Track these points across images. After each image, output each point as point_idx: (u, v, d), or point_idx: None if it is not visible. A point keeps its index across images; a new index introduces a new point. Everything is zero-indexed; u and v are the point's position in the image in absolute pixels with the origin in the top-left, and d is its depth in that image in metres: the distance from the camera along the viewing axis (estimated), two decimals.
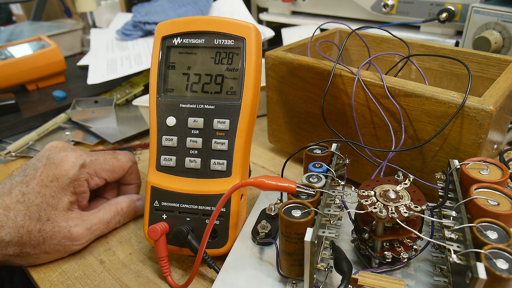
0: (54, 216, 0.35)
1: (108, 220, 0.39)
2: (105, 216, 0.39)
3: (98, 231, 0.38)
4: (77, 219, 0.37)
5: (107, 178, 0.40)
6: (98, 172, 0.39)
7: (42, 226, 0.35)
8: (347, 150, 0.42)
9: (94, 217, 0.38)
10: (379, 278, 0.27)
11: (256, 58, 0.35)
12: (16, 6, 1.33)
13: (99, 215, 0.38)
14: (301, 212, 0.28)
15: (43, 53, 0.73)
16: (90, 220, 0.37)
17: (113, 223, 0.40)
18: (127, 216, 0.41)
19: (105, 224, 0.39)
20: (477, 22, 0.56)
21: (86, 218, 0.37)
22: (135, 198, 0.42)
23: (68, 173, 0.36)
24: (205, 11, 0.83)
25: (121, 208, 0.40)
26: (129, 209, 0.41)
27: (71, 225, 0.36)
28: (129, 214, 0.41)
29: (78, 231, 0.36)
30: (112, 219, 0.39)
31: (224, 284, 0.32)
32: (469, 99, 0.33)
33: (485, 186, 0.29)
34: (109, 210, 0.39)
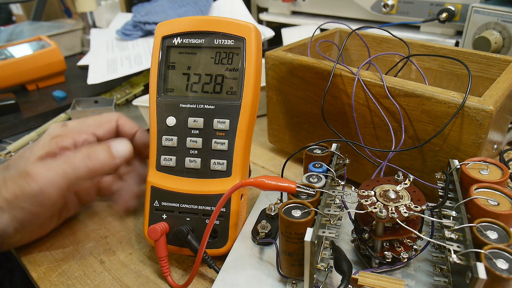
0: (22, 163, 0.33)
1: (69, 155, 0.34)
2: (67, 154, 0.34)
3: (58, 167, 0.33)
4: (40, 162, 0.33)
5: (95, 132, 0.38)
6: (83, 128, 0.37)
7: (8, 173, 0.33)
8: (347, 150, 0.42)
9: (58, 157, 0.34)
10: (379, 278, 0.27)
11: (256, 58, 0.35)
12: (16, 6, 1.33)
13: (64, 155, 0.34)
14: (301, 212, 0.28)
15: (43, 53, 0.73)
16: (49, 161, 0.34)
17: (76, 159, 0.34)
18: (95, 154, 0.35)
19: (66, 160, 0.33)
20: (477, 22, 0.56)
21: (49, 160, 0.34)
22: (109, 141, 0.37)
23: (50, 132, 0.36)
24: (205, 11, 0.83)
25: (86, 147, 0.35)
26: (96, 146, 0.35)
27: (30, 165, 0.33)
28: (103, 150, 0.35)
29: (32, 167, 0.32)
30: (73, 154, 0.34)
31: (224, 284, 0.32)
32: (469, 99, 0.33)
33: (485, 186, 0.29)
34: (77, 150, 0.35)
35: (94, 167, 0.34)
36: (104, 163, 0.35)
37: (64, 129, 0.37)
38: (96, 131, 0.38)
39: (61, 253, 0.39)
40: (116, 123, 0.40)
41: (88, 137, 0.37)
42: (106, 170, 0.35)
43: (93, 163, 0.34)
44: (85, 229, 0.42)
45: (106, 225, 0.42)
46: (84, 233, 0.41)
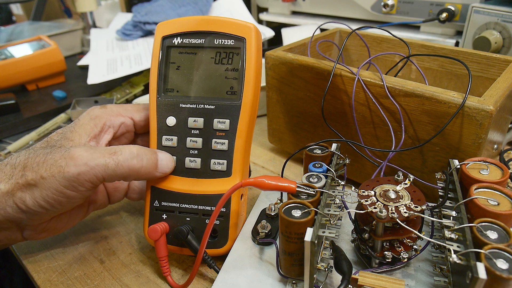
0: (66, 144, 0.34)
1: (117, 150, 0.33)
2: (115, 147, 0.33)
3: (102, 158, 0.32)
4: (84, 145, 0.34)
5: (132, 116, 0.38)
6: (121, 111, 0.38)
7: (51, 150, 0.33)
8: (347, 150, 0.42)
9: (103, 147, 0.35)
10: (379, 278, 0.27)
11: (256, 58, 0.35)
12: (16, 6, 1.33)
13: (109, 146, 0.34)
14: (301, 212, 0.28)
15: (43, 53, 0.73)
16: (96, 147, 0.33)
17: (122, 156, 0.32)
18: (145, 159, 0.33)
19: (112, 153, 0.32)
20: (477, 22, 0.56)
21: (94, 146, 0.34)
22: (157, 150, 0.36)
23: (89, 112, 0.37)
24: (205, 11, 0.83)
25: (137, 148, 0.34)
26: (147, 153, 0.34)
27: (74, 147, 0.32)
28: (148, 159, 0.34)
29: (76, 151, 0.32)
30: (122, 152, 0.33)
31: (224, 284, 0.32)
32: (469, 99, 0.33)
33: (485, 186, 0.29)
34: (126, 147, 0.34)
35: (135, 170, 0.33)
36: (146, 171, 0.34)
37: (102, 111, 0.37)
38: (134, 115, 0.39)
39: (61, 253, 0.39)
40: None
41: (126, 120, 0.38)
42: (143, 177, 0.35)
43: (136, 167, 0.33)
44: (85, 229, 0.42)
45: (106, 225, 0.42)
46: (84, 233, 0.41)
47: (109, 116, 0.37)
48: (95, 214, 0.44)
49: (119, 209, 0.45)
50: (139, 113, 0.39)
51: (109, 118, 0.37)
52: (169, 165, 0.35)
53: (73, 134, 0.35)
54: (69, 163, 0.31)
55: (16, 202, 0.31)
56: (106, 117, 0.37)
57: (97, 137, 0.36)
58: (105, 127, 0.37)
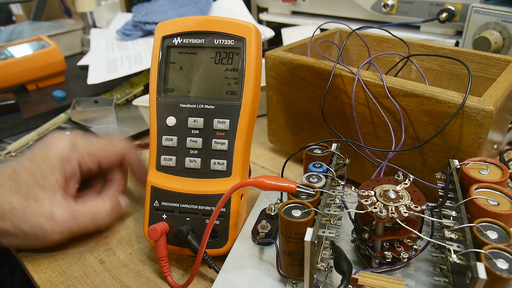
0: (41, 196, 0.34)
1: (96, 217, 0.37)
2: (93, 209, 0.37)
3: (83, 223, 0.36)
4: (62, 205, 0.35)
5: (101, 159, 0.39)
6: (91, 152, 0.38)
7: (28, 205, 0.34)
8: (347, 150, 0.42)
9: (80, 206, 0.36)
10: (379, 278, 0.27)
11: (256, 58, 0.35)
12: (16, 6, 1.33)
13: (87, 205, 0.37)
14: (301, 212, 0.28)
15: (43, 53, 0.73)
16: (76, 209, 0.36)
17: (100, 220, 0.38)
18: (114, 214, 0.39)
19: (93, 219, 0.37)
20: (477, 22, 0.56)
21: (72, 205, 0.36)
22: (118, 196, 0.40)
23: (59, 152, 0.36)
24: (205, 11, 0.83)
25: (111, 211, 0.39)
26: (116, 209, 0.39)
27: (55, 207, 0.34)
28: (117, 213, 0.40)
29: (60, 215, 0.34)
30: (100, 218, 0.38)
31: (224, 284, 0.32)
32: (469, 99, 0.33)
33: (485, 186, 0.29)
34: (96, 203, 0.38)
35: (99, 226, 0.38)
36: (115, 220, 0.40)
37: (73, 153, 0.37)
38: (102, 160, 0.39)
39: (61, 253, 0.39)
40: (123, 156, 0.41)
41: (92, 166, 0.39)
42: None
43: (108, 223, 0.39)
44: None
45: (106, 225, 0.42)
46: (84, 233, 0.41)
47: (78, 160, 0.37)
48: None
49: None
50: (108, 159, 0.40)
51: (77, 163, 0.37)
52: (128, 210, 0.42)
53: (44, 181, 0.35)
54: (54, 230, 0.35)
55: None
56: (75, 162, 0.37)
57: (66, 187, 0.37)
58: (74, 173, 0.38)
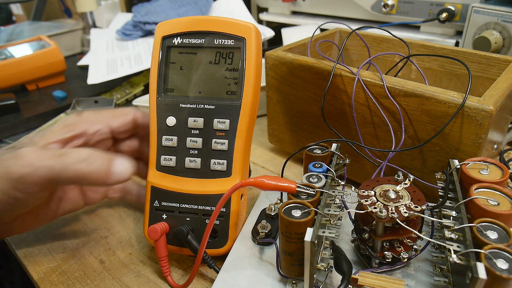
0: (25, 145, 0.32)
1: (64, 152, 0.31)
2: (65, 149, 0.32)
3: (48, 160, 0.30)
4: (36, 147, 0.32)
5: (109, 123, 0.37)
6: (97, 118, 0.36)
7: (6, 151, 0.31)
8: (347, 150, 0.42)
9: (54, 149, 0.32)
10: (379, 278, 0.27)
11: (256, 58, 0.35)
12: (16, 6, 1.33)
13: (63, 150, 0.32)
14: (301, 212, 0.28)
15: (43, 53, 0.73)
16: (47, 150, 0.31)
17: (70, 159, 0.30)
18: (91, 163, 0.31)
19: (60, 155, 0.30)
20: (477, 22, 0.56)
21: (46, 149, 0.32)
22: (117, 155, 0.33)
23: (64, 119, 0.35)
24: (205, 11, 0.83)
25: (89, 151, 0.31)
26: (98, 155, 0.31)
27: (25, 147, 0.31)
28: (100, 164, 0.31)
29: (23, 151, 0.30)
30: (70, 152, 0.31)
31: (224, 284, 0.32)
32: (469, 99, 0.33)
33: (485, 186, 0.29)
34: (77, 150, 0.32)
35: (82, 175, 0.30)
36: (96, 176, 0.31)
37: (78, 118, 0.36)
38: (110, 122, 0.37)
39: (61, 253, 0.39)
40: (133, 117, 0.38)
41: (102, 128, 0.36)
42: (94, 183, 0.31)
43: (83, 171, 0.30)
44: (85, 229, 0.42)
45: (106, 225, 0.42)
46: (84, 233, 0.41)
47: (83, 124, 0.35)
48: (95, 214, 0.44)
49: (119, 209, 0.45)
50: (117, 120, 0.37)
51: (83, 126, 0.35)
52: (125, 174, 0.32)
53: (39, 139, 0.33)
54: (15, 164, 0.30)
55: None
56: (80, 125, 0.35)
57: (64, 141, 0.34)
58: (78, 134, 0.35)
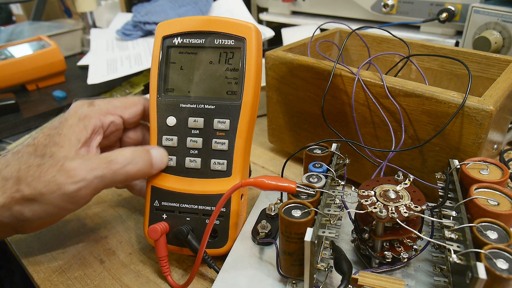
0: (57, 152, 0.32)
1: (111, 159, 0.33)
2: (108, 155, 0.33)
3: (97, 170, 0.32)
4: (78, 156, 0.33)
5: (121, 114, 0.37)
6: (110, 109, 0.36)
7: (43, 161, 0.32)
8: (347, 150, 0.42)
9: (96, 155, 0.33)
10: (379, 278, 0.27)
11: (256, 58, 0.35)
12: (16, 6, 1.33)
13: (102, 154, 0.33)
14: (301, 212, 0.28)
15: (43, 53, 0.73)
16: (89, 157, 0.33)
17: (118, 164, 0.32)
18: (140, 161, 0.34)
19: (107, 162, 0.32)
20: (477, 22, 0.56)
21: (88, 157, 0.33)
22: (149, 147, 0.35)
23: (77, 110, 0.35)
24: (205, 11, 0.83)
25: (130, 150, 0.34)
26: (140, 153, 0.34)
27: (68, 159, 0.32)
28: (143, 160, 0.34)
29: (72, 165, 0.31)
30: (116, 158, 0.33)
31: (224, 284, 0.32)
32: (469, 99, 0.33)
33: (485, 186, 0.29)
34: (115, 150, 0.34)
35: (132, 175, 0.34)
36: (143, 172, 0.34)
37: (91, 109, 0.35)
38: (123, 113, 0.37)
39: (61, 253, 0.39)
40: (143, 106, 0.39)
41: (115, 119, 0.37)
42: (140, 178, 0.35)
43: (132, 171, 0.33)
44: (85, 229, 0.42)
45: (106, 225, 0.42)
46: (84, 233, 0.41)
47: (98, 115, 0.35)
48: (95, 214, 0.44)
49: (119, 209, 0.45)
50: (128, 110, 0.38)
51: (98, 118, 0.35)
52: (164, 161, 0.35)
53: (61, 138, 0.33)
54: (66, 181, 0.31)
55: (14, 215, 0.31)
56: (96, 117, 0.35)
57: (87, 141, 0.35)
58: (95, 128, 0.35)
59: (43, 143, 0.33)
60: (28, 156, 0.32)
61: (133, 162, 0.33)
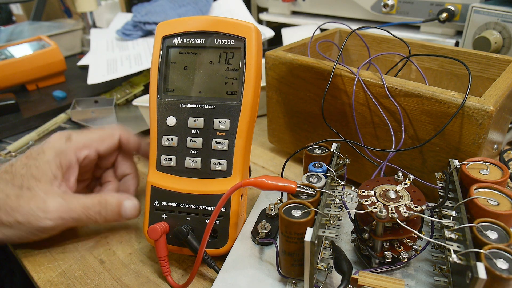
0: (35, 185, 0.35)
1: (88, 206, 0.36)
2: (86, 201, 0.37)
3: (74, 213, 0.36)
4: (56, 194, 0.35)
5: (98, 148, 0.39)
6: (87, 143, 0.38)
7: (21, 192, 0.34)
8: (347, 150, 0.42)
9: (74, 198, 0.36)
10: (379, 278, 0.27)
11: (256, 58, 0.35)
12: (16, 6, 1.33)
13: (80, 198, 0.37)
14: (301, 212, 0.28)
15: (43, 53, 0.73)
16: (68, 200, 0.36)
17: (92, 212, 0.37)
18: (110, 213, 0.38)
19: (84, 208, 0.36)
20: (477, 22, 0.56)
21: (66, 197, 0.36)
22: (124, 197, 0.39)
23: (54, 145, 0.37)
24: (205, 11, 0.83)
25: (105, 200, 0.37)
26: (112, 204, 0.38)
27: (49, 197, 0.35)
28: (113, 211, 0.38)
29: (53, 204, 0.35)
30: (92, 206, 0.37)
31: (224, 284, 0.32)
32: (469, 99, 0.33)
33: (485, 186, 0.29)
34: (92, 196, 0.37)
35: (103, 221, 0.38)
36: (112, 219, 0.38)
37: (67, 145, 0.37)
38: (98, 146, 0.39)
39: (61, 253, 0.39)
40: (119, 138, 0.41)
41: (90, 153, 0.39)
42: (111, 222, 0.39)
43: (103, 219, 0.38)
44: (85, 229, 0.42)
45: (106, 225, 0.42)
46: (84, 233, 0.41)
47: (74, 151, 0.38)
48: None
49: None
50: (104, 143, 0.40)
51: (74, 153, 0.38)
52: (134, 213, 0.39)
53: (38, 172, 0.35)
54: (46, 215, 0.35)
55: None
56: (71, 153, 0.37)
57: (64, 178, 0.37)
58: (70, 164, 0.38)
59: (21, 172, 0.36)
60: (5, 184, 0.35)
61: (105, 211, 0.37)
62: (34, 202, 0.34)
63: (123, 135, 0.41)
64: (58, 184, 0.36)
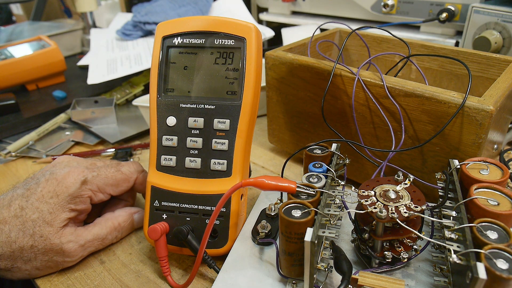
0: (47, 233, 0.34)
1: (103, 236, 0.38)
2: (101, 232, 0.37)
3: (92, 247, 0.37)
4: (70, 235, 0.35)
5: (111, 192, 0.39)
6: (102, 187, 0.37)
7: (34, 243, 0.34)
8: (347, 150, 0.42)
9: (89, 233, 0.37)
10: (379, 278, 0.27)
11: (256, 58, 0.35)
12: (16, 6, 1.33)
13: (94, 231, 0.37)
14: (301, 212, 0.28)
15: (43, 53, 0.73)
16: (84, 237, 0.36)
17: (109, 239, 0.38)
18: (125, 230, 0.40)
19: (100, 240, 0.37)
20: (477, 22, 0.56)
21: (80, 234, 0.36)
22: (133, 211, 0.40)
23: (69, 189, 0.35)
24: (205, 11, 0.83)
25: (118, 224, 0.39)
26: (126, 223, 0.39)
27: (64, 242, 0.35)
28: (127, 228, 0.40)
29: (70, 248, 0.35)
30: (108, 235, 0.38)
31: (224, 284, 0.32)
32: (469, 99, 0.33)
33: (485, 186, 0.29)
34: (105, 225, 0.38)
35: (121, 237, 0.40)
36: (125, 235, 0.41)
37: (82, 189, 0.36)
38: (113, 191, 0.39)
39: None
40: (134, 181, 0.40)
41: (104, 197, 0.39)
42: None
43: (119, 239, 0.40)
44: None
45: None
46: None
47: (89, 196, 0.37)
48: None
49: None
50: (119, 189, 0.39)
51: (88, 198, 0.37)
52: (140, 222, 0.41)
53: (52, 217, 0.34)
54: (66, 259, 0.36)
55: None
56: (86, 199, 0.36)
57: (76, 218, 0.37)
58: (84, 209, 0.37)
59: (32, 217, 0.34)
60: (17, 232, 0.34)
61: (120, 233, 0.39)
62: (51, 251, 0.34)
63: (139, 179, 0.40)
64: (70, 225, 0.36)
